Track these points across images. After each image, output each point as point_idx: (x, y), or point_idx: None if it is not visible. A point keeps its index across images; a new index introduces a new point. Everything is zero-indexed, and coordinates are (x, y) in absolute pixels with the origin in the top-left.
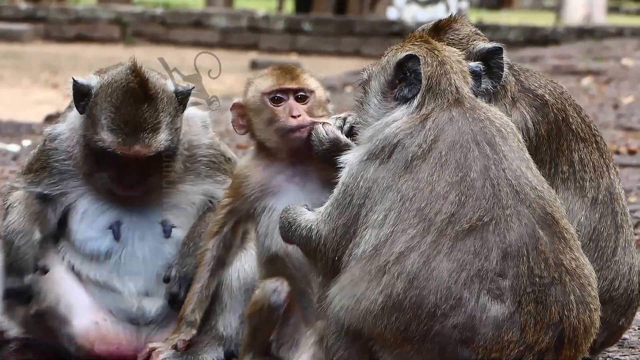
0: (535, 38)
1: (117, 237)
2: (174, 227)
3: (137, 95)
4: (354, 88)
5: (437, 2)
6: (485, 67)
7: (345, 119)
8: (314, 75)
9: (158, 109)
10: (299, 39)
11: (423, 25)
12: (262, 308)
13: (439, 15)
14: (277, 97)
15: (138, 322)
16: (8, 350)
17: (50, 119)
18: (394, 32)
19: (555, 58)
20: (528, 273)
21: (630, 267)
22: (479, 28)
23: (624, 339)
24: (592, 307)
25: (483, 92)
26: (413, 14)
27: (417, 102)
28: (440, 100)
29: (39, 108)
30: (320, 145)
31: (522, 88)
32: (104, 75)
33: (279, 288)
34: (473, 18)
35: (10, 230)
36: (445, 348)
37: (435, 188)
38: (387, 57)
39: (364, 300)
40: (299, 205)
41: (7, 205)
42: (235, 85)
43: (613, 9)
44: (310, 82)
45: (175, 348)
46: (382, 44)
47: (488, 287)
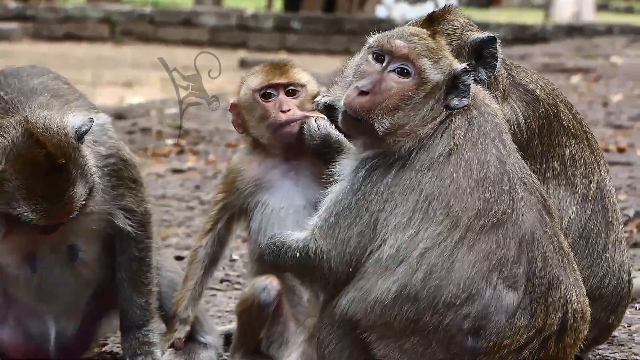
0: (524, 36)
1: (34, 269)
2: (81, 250)
3: (46, 167)
4: None
5: (425, 0)
6: (479, 57)
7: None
8: (306, 70)
9: (69, 170)
10: (288, 38)
11: (416, 18)
12: (252, 305)
13: None
14: (267, 92)
15: (48, 341)
16: None
17: None
18: (383, 30)
19: (545, 56)
20: (542, 257)
21: (621, 264)
22: None
23: (614, 337)
24: (583, 291)
25: (478, 82)
26: (402, 12)
27: None
28: None
29: None
30: (312, 140)
31: (513, 82)
32: (5, 146)
33: (269, 286)
34: None
35: None
36: (455, 338)
37: (461, 186)
38: None
39: (375, 291)
40: (284, 231)
41: None
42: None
43: (602, 7)
44: (301, 76)
45: (173, 346)
46: None
47: (506, 275)
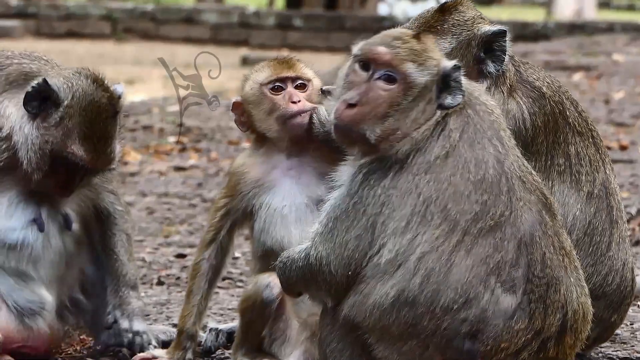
0: (526, 33)
1: (41, 229)
2: (74, 222)
3: (107, 112)
4: None
5: None
6: (488, 50)
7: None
8: (309, 66)
9: (118, 122)
10: (290, 35)
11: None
12: (254, 303)
13: None
14: (276, 86)
15: (36, 312)
16: None
17: None
18: (385, 27)
19: (546, 53)
20: (541, 258)
21: (624, 262)
22: None
23: (616, 335)
24: (585, 291)
25: (486, 75)
26: (404, 10)
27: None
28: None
29: None
30: (322, 127)
31: (520, 79)
32: (71, 85)
33: (272, 283)
34: None
35: None
36: (452, 342)
37: (459, 188)
38: None
39: (373, 295)
40: (289, 249)
41: None
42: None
43: (603, 4)
44: (307, 71)
45: None
46: None
47: (504, 279)
